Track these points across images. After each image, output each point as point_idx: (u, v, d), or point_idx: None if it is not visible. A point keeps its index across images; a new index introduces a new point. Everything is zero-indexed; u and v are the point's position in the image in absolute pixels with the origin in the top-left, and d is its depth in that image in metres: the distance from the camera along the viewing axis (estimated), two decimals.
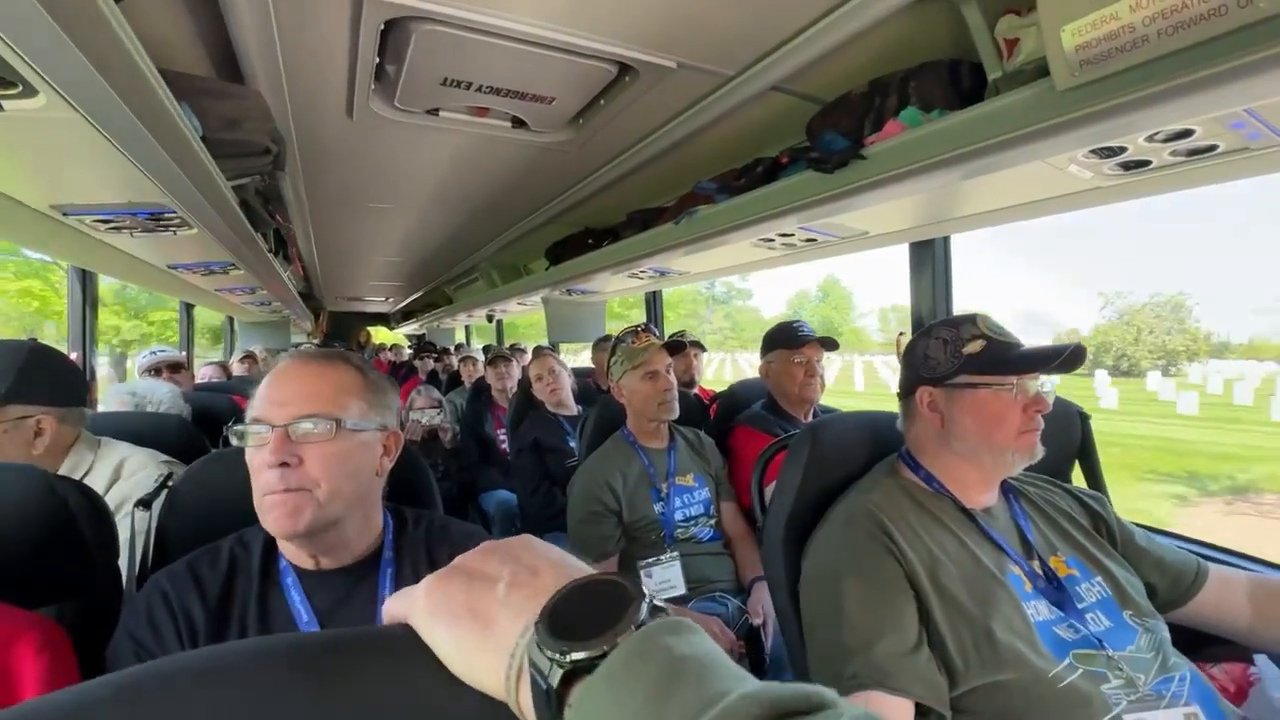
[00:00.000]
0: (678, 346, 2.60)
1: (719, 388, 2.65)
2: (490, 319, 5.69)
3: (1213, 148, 0.90)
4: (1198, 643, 0.96)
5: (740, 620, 1.51)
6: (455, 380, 4.68)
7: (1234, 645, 0.95)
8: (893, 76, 1.25)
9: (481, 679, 0.31)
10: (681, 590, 1.55)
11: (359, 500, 0.81)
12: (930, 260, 1.73)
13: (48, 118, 0.72)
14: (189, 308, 3.87)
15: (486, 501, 2.95)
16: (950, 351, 0.97)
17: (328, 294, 6.51)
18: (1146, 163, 0.98)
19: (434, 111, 1.62)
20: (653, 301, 3.38)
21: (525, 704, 0.29)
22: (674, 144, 1.72)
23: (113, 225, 1.28)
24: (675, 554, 1.58)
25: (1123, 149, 0.93)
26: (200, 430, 1.70)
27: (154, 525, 0.88)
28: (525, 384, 2.99)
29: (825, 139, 1.33)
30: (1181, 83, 0.73)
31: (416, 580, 0.92)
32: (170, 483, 0.93)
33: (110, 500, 1.19)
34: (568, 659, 0.27)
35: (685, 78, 1.39)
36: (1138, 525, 1.04)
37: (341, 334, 8.65)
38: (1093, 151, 0.95)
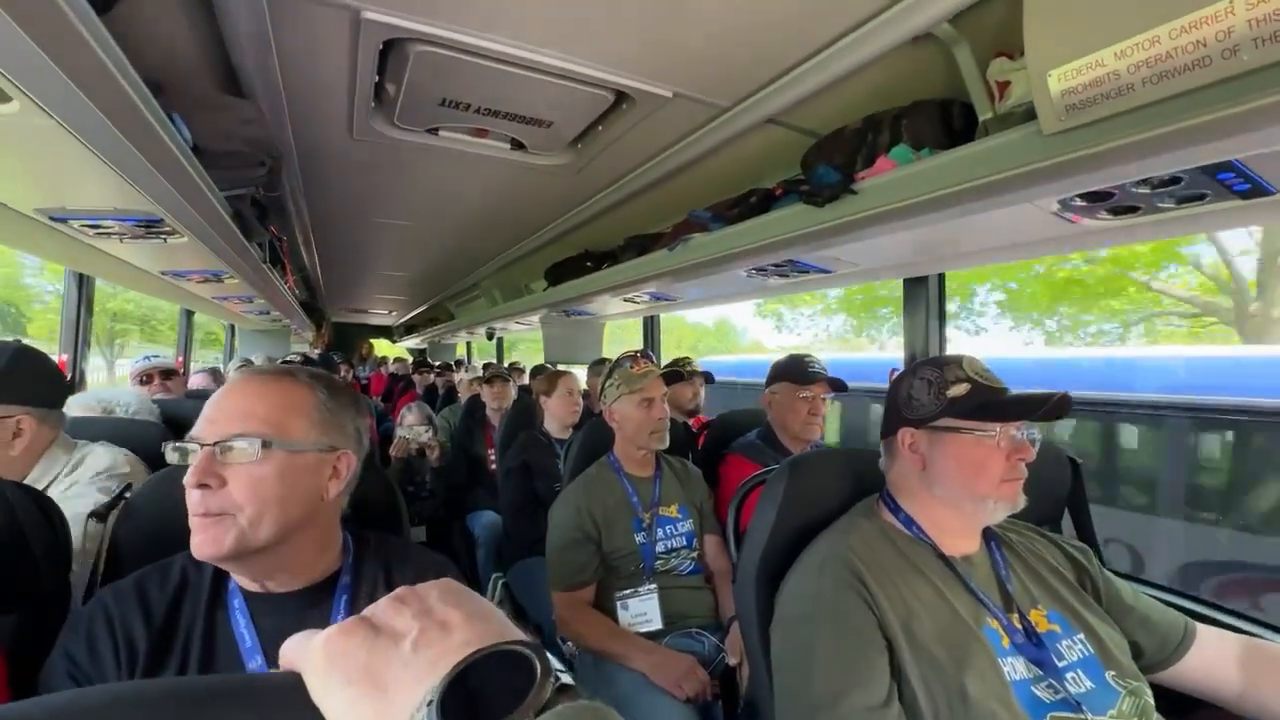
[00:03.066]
0: (676, 376, 2.59)
1: None
2: (490, 336, 5.69)
3: (1201, 196, 0.89)
4: (1181, 707, 0.92)
5: (717, 659, 1.46)
6: (451, 396, 4.66)
7: (1219, 711, 0.90)
8: (886, 114, 1.26)
9: None
10: (658, 625, 1.50)
11: (300, 525, 0.76)
12: (924, 296, 1.72)
13: (24, 123, 0.72)
14: (189, 313, 3.88)
15: (473, 522, 2.91)
16: (934, 393, 0.95)
17: (331, 304, 6.54)
18: (1135, 209, 0.97)
19: (434, 130, 1.64)
20: (650, 326, 3.38)
21: None
22: (671, 171, 1.73)
23: (101, 231, 1.29)
24: (654, 586, 1.54)
25: (1110, 194, 0.92)
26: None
27: (107, 538, 0.85)
28: (521, 404, 2.97)
29: (818, 172, 1.32)
30: (1167, 131, 0.72)
31: None
32: (127, 494, 0.90)
33: (58, 486, 1.20)
34: None
35: (681, 107, 1.40)
36: (1123, 577, 1.01)
37: (344, 345, 8.66)
38: (1081, 196, 0.94)
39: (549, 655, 0.29)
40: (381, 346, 9.94)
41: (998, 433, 0.89)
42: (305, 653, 0.32)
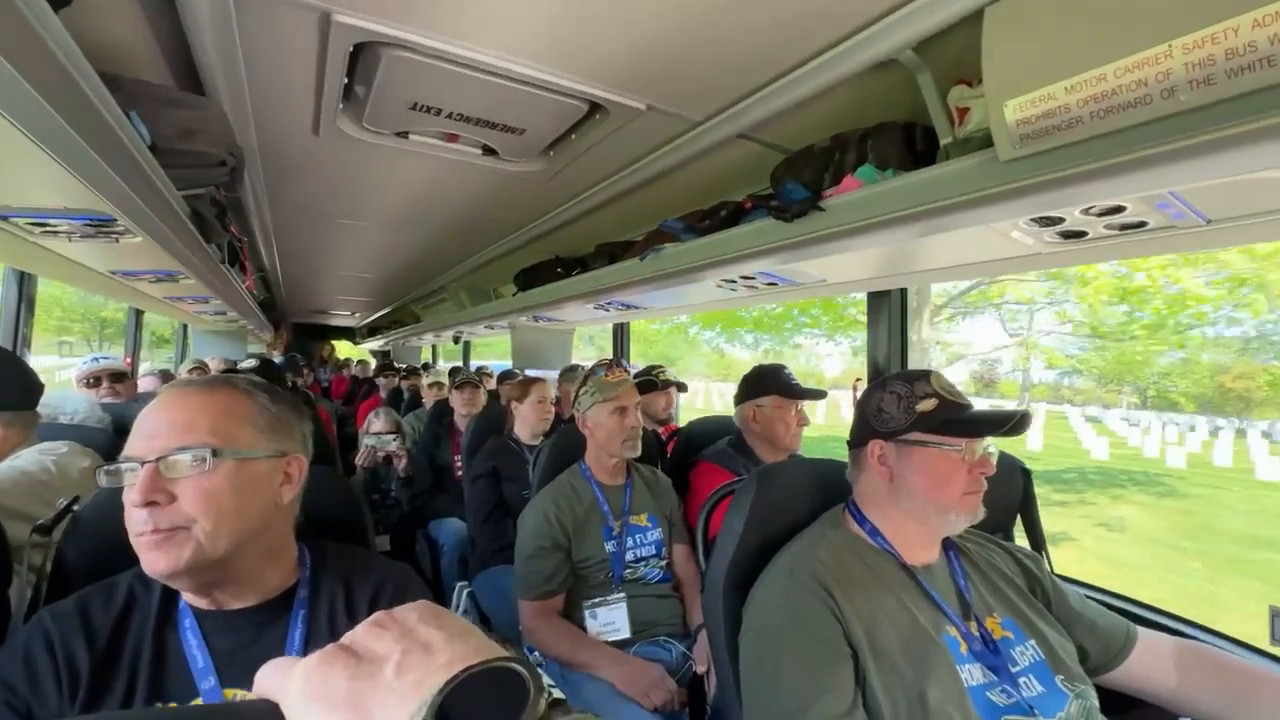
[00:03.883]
0: (650, 385, 2.60)
1: None
2: (457, 340, 5.61)
3: (1143, 224, 0.95)
4: (1122, 706, 0.97)
5: (685, 667, 1.47)
6: (416, 401, 4.57)
7: (1158, 710, 0.96)
8: (853, 133, 1.30)
9: None
10: (626, 634, 1.50)
11: (254, 535, 0.74)
12: (886, 309, 1.77)
13: None
14: (138, 314, 3.71)
15: (438, 530, 2.86)
16: (904, 407, 0.98)
17: (291, 306, 6.34)
18: (1083, 233, 1.02)
19: (403, 134, 1.61)
20: (619, 334, 3.38)
21: None
22: (643, 181, 1.75)
23: (48, 230, 1.22)
24: (622, 595, 1.54)
25: (1061, 219, 0.97)
26: None
27: (52, 554, 0.81)
28: (489, 410, 2.93)
29: (787, 188, 1.35)
30: (1111, 163, 0.77)
31: (332, 622, 0.85)
32: (75, 507, 0.86)
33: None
34: None
35: (654, 120, 1.41)
36: (1068, 581, 1.06)
37: (304, 347, 8.40)
38: (1033, 220, 0.99)
39: (539, 670, 0.29)
40: (343, 348, 9.69)
41: (963, 447, 0.93)
42: (283, 682, 0.31)
